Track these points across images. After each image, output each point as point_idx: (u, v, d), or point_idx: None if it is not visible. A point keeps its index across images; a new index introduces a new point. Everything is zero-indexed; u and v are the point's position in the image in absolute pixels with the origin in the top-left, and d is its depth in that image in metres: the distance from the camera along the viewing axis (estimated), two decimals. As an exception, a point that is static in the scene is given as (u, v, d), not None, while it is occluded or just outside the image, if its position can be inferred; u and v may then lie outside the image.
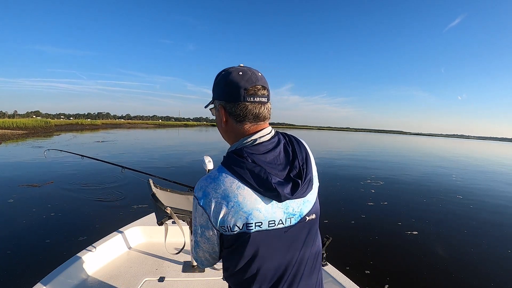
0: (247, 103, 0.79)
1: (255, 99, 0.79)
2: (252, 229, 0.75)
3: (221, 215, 0.75)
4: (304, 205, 0.81)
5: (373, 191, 8.33)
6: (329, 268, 2.02)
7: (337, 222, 5.44)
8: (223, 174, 0.76)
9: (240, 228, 0.75)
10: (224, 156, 0.81)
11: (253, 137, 0.80)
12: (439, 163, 18.65)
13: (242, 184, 0.74)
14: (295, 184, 0.76)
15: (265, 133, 0.82)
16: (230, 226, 0.75)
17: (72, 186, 7.33)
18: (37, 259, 3.64)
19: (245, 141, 0.80)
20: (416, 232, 5.09)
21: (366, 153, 22.90)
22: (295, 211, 0.80)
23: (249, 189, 0.74)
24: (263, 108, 0.81)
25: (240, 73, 0.80)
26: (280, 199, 0.75)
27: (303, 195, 0.79)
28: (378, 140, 58.02)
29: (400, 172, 12.70)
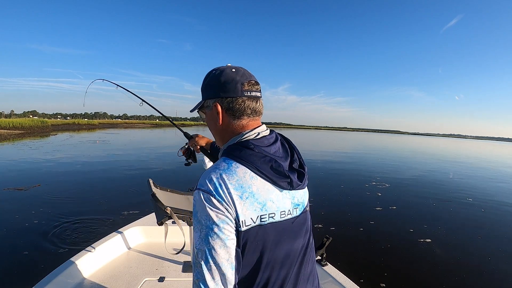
0: (245, 98, 0.79)
1: (251, 94, 0.80)
2: (266, 221, 0.74)
3: (236, 208, 0.70)
4: (305, 195, 0.86)
5: (379, 194, 8.01)
6: (329, 268, 2.01)
7: (345, 230, 5.14)
8: (234, 164, 0.73)
9: (254, 221, 0.72)
10: (225, 149, 0.80)
11: (256, 131, 0.81)
12: (442, 163, 18.55)
13: (254, 174, 0.73)
14: (300, 173, 0.80)
15: (265, 129, 0.83)
16: (244, 220, 0.71)
17: (60, 190, 6.92)
18: (11, 274, 3.31)
19: (247, 134, 0.80)
20: (429, 240, 4.86)
21: (367, 153, 22.71)
22: (299, 202, 0.83)
23: (261, 179, 0.74)
24: (258, 103, 0.83)
25: (233, 70, 0.81)
26: (292, 186, 0.77)
27: (304, 186, 0.83)
28: (376, 140, 57.85)
29: (404, 173, 12.44)
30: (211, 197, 0.69)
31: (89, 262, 2.13)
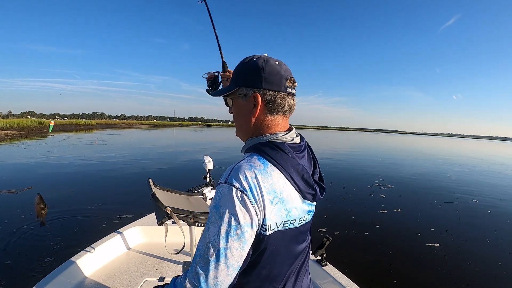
0: (286, 94, 0.78)
1: (291, 91, 0.79)
2: (287, 227, 0.75)
3: (265, 212, 0.69)
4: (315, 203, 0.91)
5: (383, 196, 7.85)
6: (329, 268, 2.01)
7: (350, 234, 5.00)
8: (270, 166, 0.71)
9: (278, 226, 0.72)
10: (256, 144, 0.77)
11: (291, 135, 0.79)
12: (442, 163, 18.50)
13: (287, 181, 0.73)
14: (321, 187, 0.82)
15: (296, 134, 0.82)
16: (270, 225, 0.70)
17: (52, 193, 6.62)
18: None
19: (282, 136, 0.77)
20: (438, 244, 4.71)
21: (367, 154, 22.62)
22: (311, 209, 0.86)
23: (292, 187, 0.74)
24: (294, 101, 0.81)
25: (277, 62, 0.77)
26: (315, 199, 0.81)
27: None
28: (375, 140, 57.83)
29: (406, 174, 12.32)
30: (245, 196, 0.66)
31: (89, 262, 2.13)
